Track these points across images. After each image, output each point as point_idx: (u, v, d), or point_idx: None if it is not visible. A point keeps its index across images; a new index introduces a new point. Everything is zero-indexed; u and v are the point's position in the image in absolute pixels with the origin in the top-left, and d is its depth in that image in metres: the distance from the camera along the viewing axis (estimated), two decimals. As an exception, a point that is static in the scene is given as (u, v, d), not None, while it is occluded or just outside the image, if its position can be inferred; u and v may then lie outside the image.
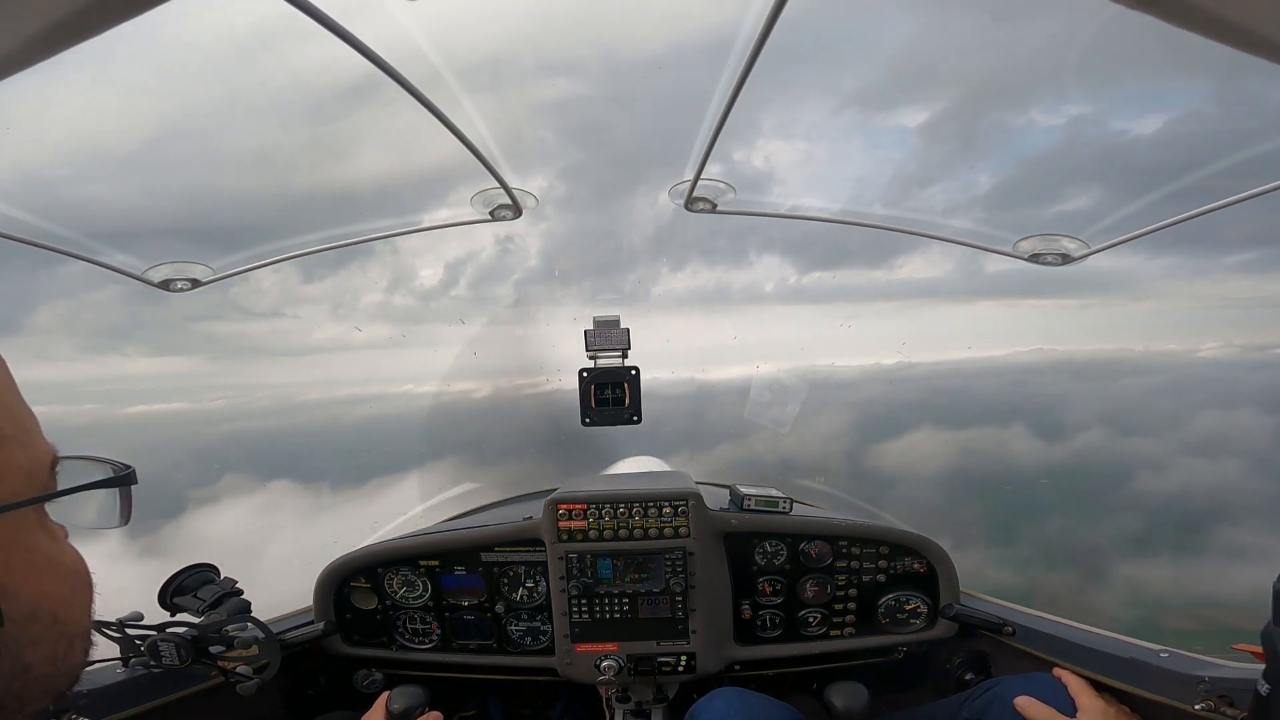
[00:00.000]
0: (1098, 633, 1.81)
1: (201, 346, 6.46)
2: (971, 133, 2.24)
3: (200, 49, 1.54)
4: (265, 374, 10.55)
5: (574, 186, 3.33)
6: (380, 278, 5.36)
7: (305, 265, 2.37)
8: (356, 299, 5.71)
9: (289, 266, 2.32)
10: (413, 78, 1.43)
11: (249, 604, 1.80)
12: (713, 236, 5.84)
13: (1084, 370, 37.25)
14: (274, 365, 10.16)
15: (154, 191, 2.07)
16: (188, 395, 12.28)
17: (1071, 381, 37.17)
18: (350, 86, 1.69)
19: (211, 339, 6.16)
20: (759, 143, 2.19)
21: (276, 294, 5.28)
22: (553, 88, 2.04)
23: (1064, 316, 19.48)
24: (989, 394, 19.22)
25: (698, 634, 2.02)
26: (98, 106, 1.65)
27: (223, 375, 9.92)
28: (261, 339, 6.88)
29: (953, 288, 13.70)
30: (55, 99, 1.57)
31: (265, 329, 6.21)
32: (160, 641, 1.60)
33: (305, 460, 8.61)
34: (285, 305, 6.02)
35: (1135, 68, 1.88)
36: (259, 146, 2.00)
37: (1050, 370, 30.34)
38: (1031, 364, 25.23)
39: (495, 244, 4.69)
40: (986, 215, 2.25)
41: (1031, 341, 22.62)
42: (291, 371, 9.88)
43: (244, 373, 8.96)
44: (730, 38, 1.39)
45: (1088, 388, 39.65)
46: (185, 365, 9.14)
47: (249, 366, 8.37)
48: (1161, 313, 29.95)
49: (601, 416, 1.99)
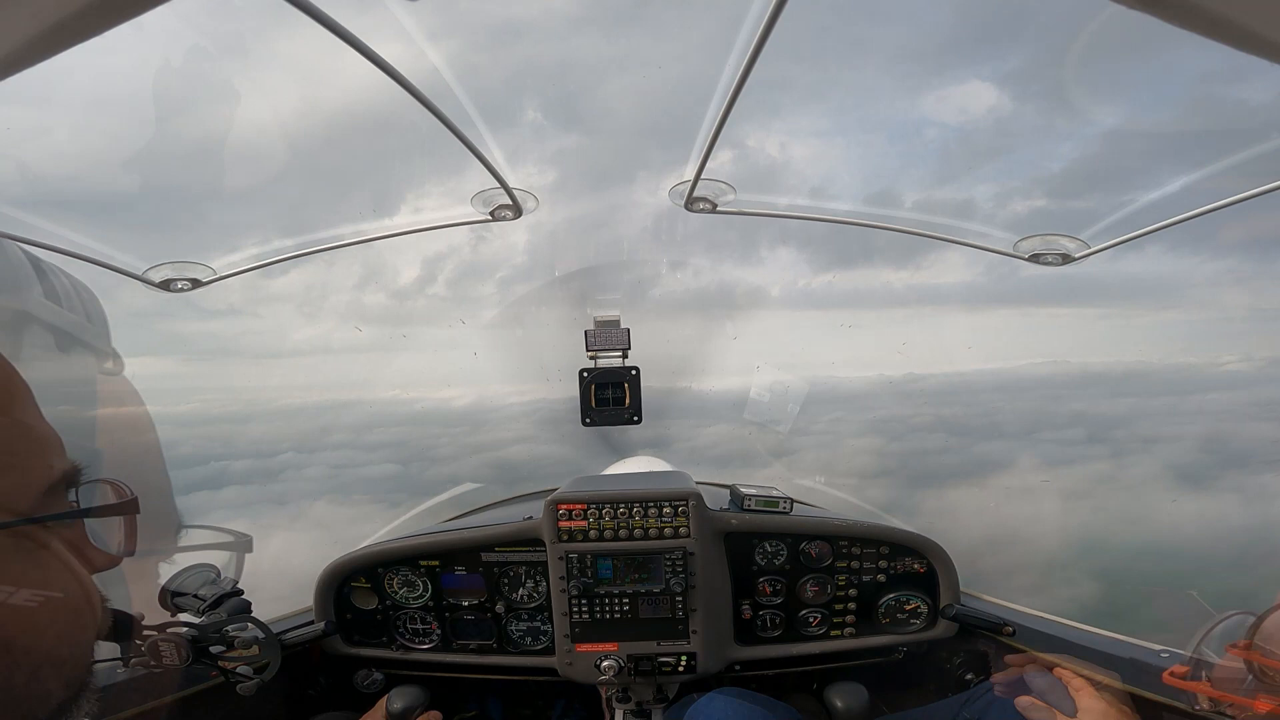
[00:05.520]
0: (1098, 633, 1.81)
1: (183, 348, 6.44)
2: (972, 132, 2.24)
3: (199, 49, 1.54)
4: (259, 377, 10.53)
5: (574, 186, 3.33)
6: (381, 278, 5.37)
7: (297, 266, 2.36)
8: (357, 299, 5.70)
9: (280, 268, 2.31)
10: (415, 80, 1.43)
11: (249, 604, 1.79)
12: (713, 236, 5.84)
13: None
14: (259, 367, 10.12)
15: (154, 191, 2.07)
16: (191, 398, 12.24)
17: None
18: (351, 87, 1.70)
19: (198, 341, 6.15)
20: (759, 143, 2.19)
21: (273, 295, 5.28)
22: (553, 87, 2.04)
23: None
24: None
25: (698, 634, 2.02)
26: (98, 107, 1.65)
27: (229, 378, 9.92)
28: (235, 341, 6.87)
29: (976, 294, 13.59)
30: (56, 99, 1.57)
31: (240, 329, 6.19)
32: (160, 641, 1.60)
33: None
34: (266, 305, 6.01)
35: (1134, 67, 1.88)
36: (259, 146, 2.00)
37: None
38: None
39: (494, 244, 4.69)
40: (987, 215, 2.25)
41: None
42: (281, 374, 9.87)
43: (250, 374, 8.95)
44: (732, 37, 1.39)
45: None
46: (168, 367, 9.13)
47: (242, 369, 8.35)
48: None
49: (601, 416, 1.99)
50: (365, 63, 1.33)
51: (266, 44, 1.57)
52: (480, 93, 1.67)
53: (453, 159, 1.83)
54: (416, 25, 1.43)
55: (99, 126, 1.77)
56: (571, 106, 2.20)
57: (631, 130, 2.43)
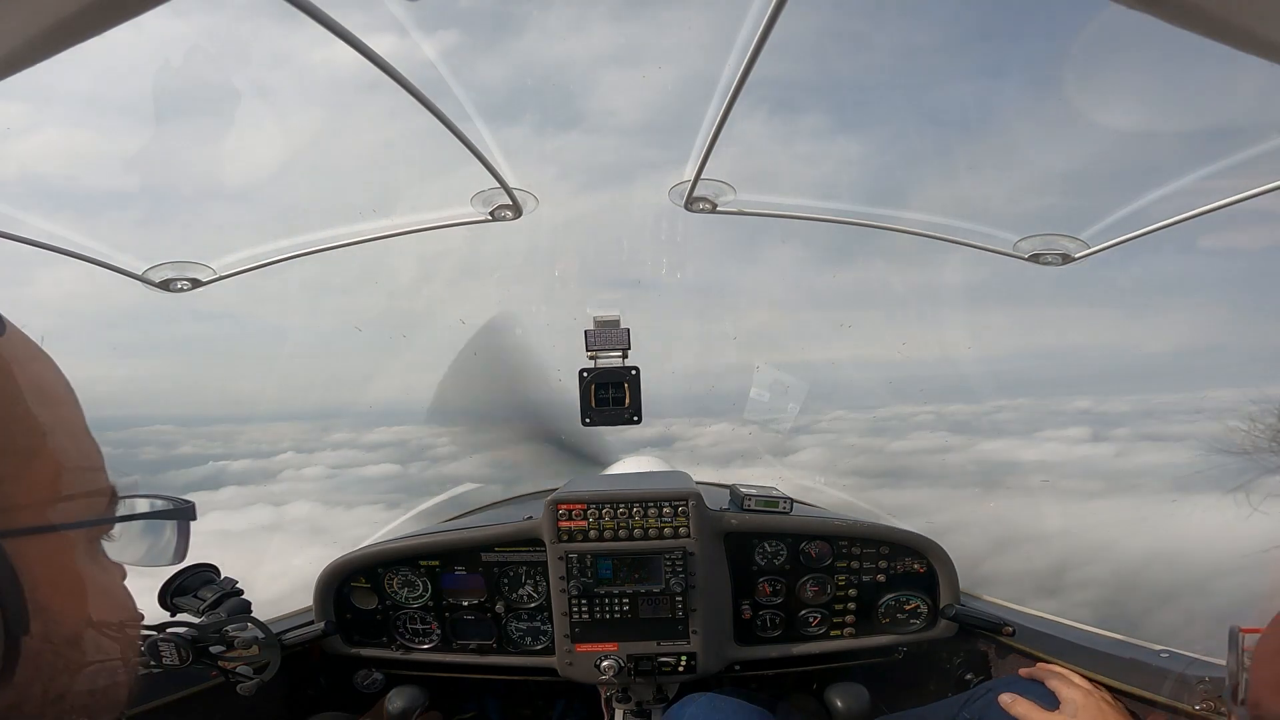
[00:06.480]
0: (1098, 633, 1.81)
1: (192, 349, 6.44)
2: (972, 132, 2.24)
3: (199, 49, 1.54)
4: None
5: (575, 186, 3.33)
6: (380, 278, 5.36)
7: (297, 266, 2.36)
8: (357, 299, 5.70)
9: (280, 268, 2.31)
10: (414, 79, 1.43)
11: (249, 604, 1.79)
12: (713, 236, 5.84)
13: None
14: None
15: (154, 191, 2.07)
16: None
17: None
18: (350, 86, 1.70)
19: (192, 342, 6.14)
20: (760, 142, 2.19)
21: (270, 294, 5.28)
22: (553, 87, 2.04)
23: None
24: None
25: (698, 634, 2.02)
26: (98, 107, 1.65)
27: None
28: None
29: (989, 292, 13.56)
30: (56, 99, 1.57)
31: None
32: (160, 641, 1.59)
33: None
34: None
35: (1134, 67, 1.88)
36: (258, 145, 2.00)
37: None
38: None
39: (494, 244, 4.67)
40: (987, 215, 2.25)
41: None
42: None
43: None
44: (732, 35, 1.39)
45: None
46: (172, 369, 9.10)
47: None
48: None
49: (601, 416, 1.98)
50: (365, 62, 1.33)
51: (265, 43, 1.57)
52: (480, 92, 1.67)
53: (452, 159, 1.83)
54: (417, 25, 1.43)
55: (99, 126, 1.77)
56: (572, 106, 2.20)
57: (632, 129, 2.43)
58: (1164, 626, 1.65)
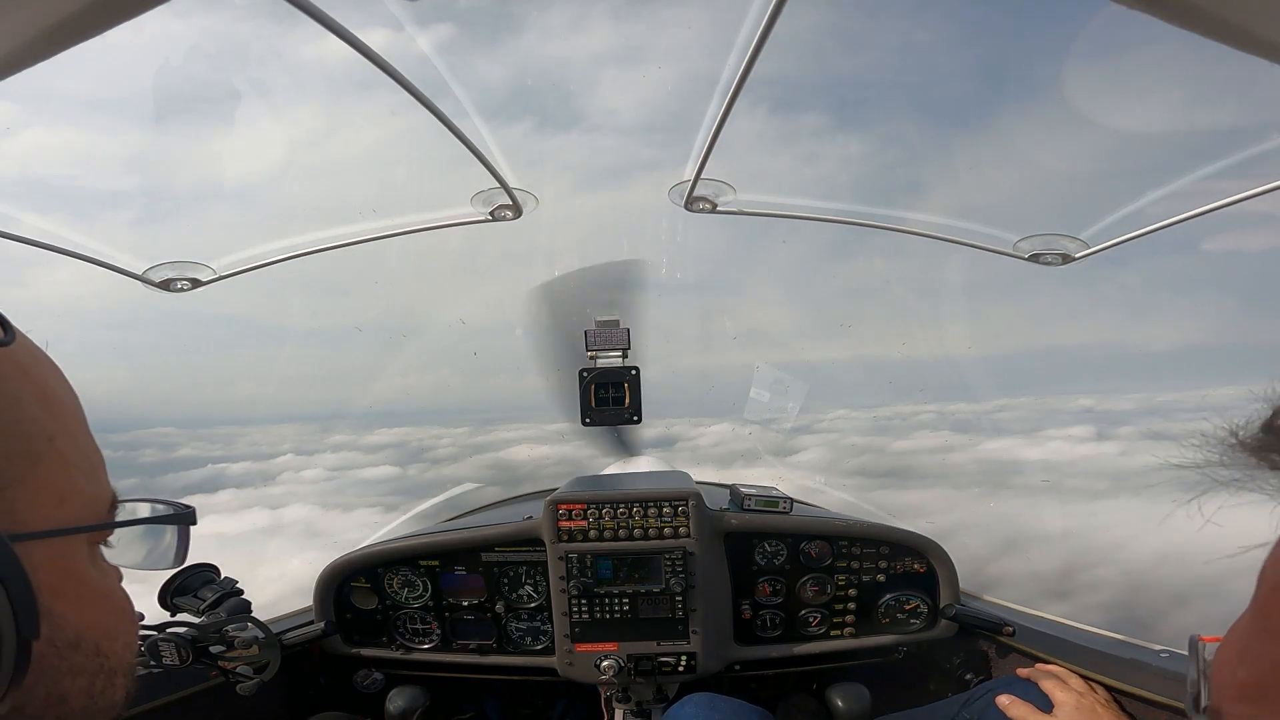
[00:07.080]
0: (1098, 633, 1.81)
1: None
2: (973, 132, 2.24)
3: (199, 49, 1.54)
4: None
5: (575, 186, 3.33)
6: (380, 278, 5.36)
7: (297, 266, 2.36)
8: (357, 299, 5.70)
9: (280, 268, 2.31)
10: (414, 79, 1.43)
11: (249, 604, 1.79)
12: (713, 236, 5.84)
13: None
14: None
15: (154, 191, 2.07)
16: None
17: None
18: (351, 86, 1.70)
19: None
20: (760, 141, 2.18)
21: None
22: (553, 86, 2.04)
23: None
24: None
25: (698, 634, 2.02)
26: (98, 107, 1.65)
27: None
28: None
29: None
30: (56, 99, 1.57)
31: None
32: (160, 641, 1.59)
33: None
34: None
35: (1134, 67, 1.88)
36: (259, 146, 2.00)
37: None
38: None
39: (494, 244, 4.67)
40: (987, 215, 2.24)
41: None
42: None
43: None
44: (733, 34, 1.39)
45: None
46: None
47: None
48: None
49: (601, 416, 1.98)
50: (365, 62, 1.33)
51: (265, 43, 1.57)
52: (480, 91, 1.67)
53: (453, 159, 1.83)
54: (417, 24, 1.43)
55: (99, 126, 1.77)
56: (571, 105, 2.20)
57: (631, 129, 2.43)
58: (1178, 628, 1.66)
